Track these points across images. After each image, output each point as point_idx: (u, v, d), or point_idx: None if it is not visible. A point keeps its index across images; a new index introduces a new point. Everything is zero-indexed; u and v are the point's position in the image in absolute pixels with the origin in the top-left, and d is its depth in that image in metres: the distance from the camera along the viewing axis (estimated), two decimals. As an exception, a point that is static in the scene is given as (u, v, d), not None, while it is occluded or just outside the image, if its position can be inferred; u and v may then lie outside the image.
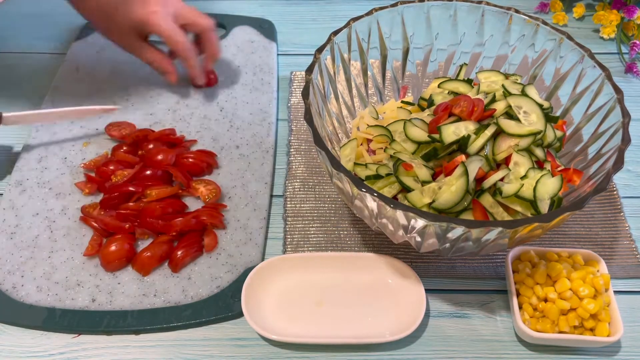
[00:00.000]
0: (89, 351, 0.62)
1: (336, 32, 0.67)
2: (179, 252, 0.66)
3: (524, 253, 0.64)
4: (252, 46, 0.93)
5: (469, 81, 0.69)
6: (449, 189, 0.57)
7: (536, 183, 0.57)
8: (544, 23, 0.69)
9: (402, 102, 0.73)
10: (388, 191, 0.61)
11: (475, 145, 0.59)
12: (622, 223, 0.71)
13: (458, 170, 0.58)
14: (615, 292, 0.63)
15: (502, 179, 0.58)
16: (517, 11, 0.70)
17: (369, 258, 0.66)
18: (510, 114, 0.62)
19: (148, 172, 0.73)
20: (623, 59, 0.93)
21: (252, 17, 0.98)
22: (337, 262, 0.66)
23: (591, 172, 0.61)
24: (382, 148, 0.66)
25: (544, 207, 0.57)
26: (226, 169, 0.77)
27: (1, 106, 0.85)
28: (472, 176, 0.58)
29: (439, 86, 0.69)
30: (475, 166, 0.58)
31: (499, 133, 0.60)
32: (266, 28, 0.96)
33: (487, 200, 0.58)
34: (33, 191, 0.74)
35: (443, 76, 0.75)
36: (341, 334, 0.62)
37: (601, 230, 0.71)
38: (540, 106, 0.62)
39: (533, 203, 0.57)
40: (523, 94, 0.63)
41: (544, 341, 0.60)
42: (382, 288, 0.65)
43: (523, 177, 0.58)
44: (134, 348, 0.62)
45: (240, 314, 0.63)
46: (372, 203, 0.54)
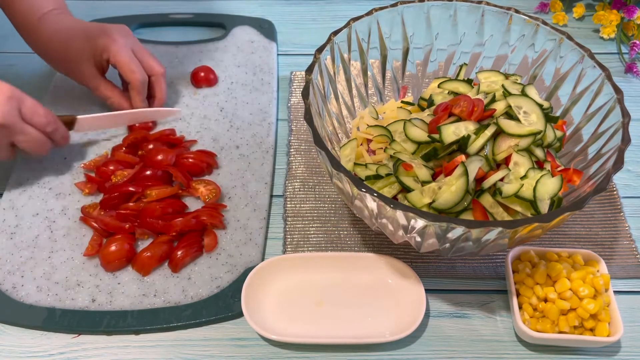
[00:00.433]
0: (89, 351, 0.62)
1: (336, 32, 0.67)
2: (179, 252, 0.66)
3: (524, 253, 0.64)
4: (252, 46, 0.93)
5: (469, 81, 0.69)
6: (449, 189, 0.57)
7: (536, 183, 0.57)
8: (544, 23, 0.69)
9: (402, 102, 0.73)
10: (388, 191, 0.61)
11: (475, 145, 0.59)
12: (622, 223, 0.71)
13: (458, 170, 0.58)
14: (615, 292, 0.63)
15: (502, 179, 0.58)
16: (517, 11, 0.70)
17: (369, 258, 0.66)
18: (510, 114, 0.62)
19: (148, 172, 0.73)
20: (623, 59, 0.93)
21: (252, 17, 0.98)
22: (337, 262, 0.66)
23: (591, 172, 0.61)
24: (382, 148, 0.66)
25: (544, 207, 0.57)
26: (226, 169, 0.77)
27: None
28: (472, 176, 0.58)
29: (439, 86, 0.69)
30: (475, 166, 0.58)
31: (499, 133, 0.60)
32: (266, 28, 0.96)
33: (487, 200, 0.58)
34: (33, 191, 0.74)
35: (443, 76, 0.75)
36: (341, 334, 0.62)
37: (601, 230, 0.71)
38: (540, 106, 0.62)
39: (533, 203, 0.57)
40: (523, 94, 0.63)
41: (544, 341, 0.60)
42: (382, 288, 0.65)
43: (523, 177, 0.58)
44: (134, 348, 0.62)
45: (240, 314, 0.63)
46: (372, 203, 0.54)
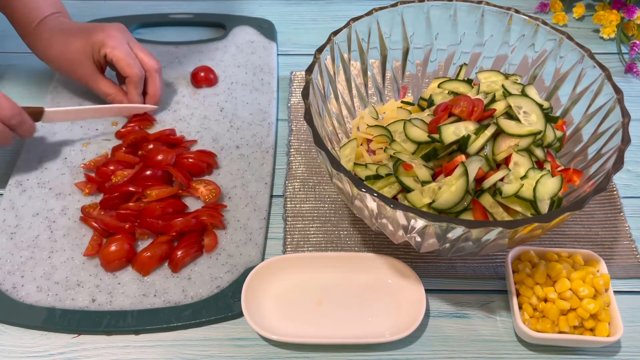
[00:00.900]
0: (89, 351, 0.62)
1: (336, 32, 0.67)
2: (179, 252, 0.66)
3: (524, 253, 0.64)
4: (252, 46, 0.93)
5: (469, 81, 0.69)
6: (449, 189, 0.57)
7: (536, 183, 0.57)
8: (544, 23, 0.69)
9: (402, 102, 0.73)
10: (388, 191, 0.61)
11: (475, 145, 0.59)
12: (622, 223, 0.71)
13: (458, 170, 0.58)
14: (615, 292, 0.63)
15: (502, 179, 0.58)
16: (517, 11, 0.70)
17: (369, 258, 0.66)
18: (510, 114, 0.62)
19: (148, 172, 0.73)
20: (623, 59, 0.93)
21: (252, 17, 0.98)
22: (337, 262, 0.66)
23: (591, 172, 0.61)
24: (382, 148, 0.66)
25: (544, 207, 0.57)
26: (226, 169, 0.77)
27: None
28: (472, 176, 0.58)
29: (439, 86, 0.69)
30: (475, 166, 0.58)
31: (499, 133, 0.60)
32: (266, 28, 0.96)
33: (487, 200, 0.58)
34: (33, 191, 0.74)
35: (443, 76, 0.75)
36: (341, 334, 0.62)
37: (601, 230, 0.71)
38: (540, 106, 0.62)
39: (533, 203, 0.57)
40: (523, 94, 0.63)
41: (544, 341, 0.60)
42: (382, 288, 0.65)
43: (523, 177, 0.58)
44: (134, 348, 0.62)
45: (240, 314, 0.63)
46: (372, 203, 0.54)
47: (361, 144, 0.69)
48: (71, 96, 0.85)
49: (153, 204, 0.70)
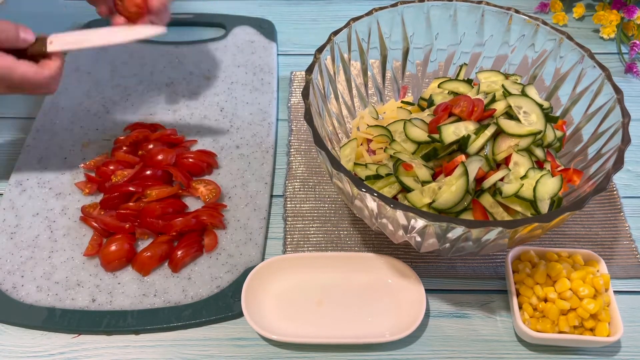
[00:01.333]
0: (89, 351, 0.62)
1: (336, 32, 0.67)
2: (179, 252, 0.66)
3: (524, 253, 0.64)
4: (252, 46, 0.93)
5: (469, 81, 0.69)
6: (449, 189, 0.57)
7: (536, 183, 0.57)
8: (544, 23, 0.69)
9: (402, 102, 0.73)
10: (388, 191, 0.61)
11: (475, 145, 0.59)
12: (622, 223, 0.71)
13: (458, 170, 0.58)
14: (615, 292, 0.63)
15: (502, 179, 0.58)
16: (517, 11, 0.70)
17: (369, 258, 0.66)
18: (510, 114, 0.62)
19: (148, 172, 0.73)
20: (623, 59, 0.93)
21: (252, 17, 0.98)
22: (337, 262, 0.66)
23: (591, 172, 0.61)
24: (382, 148, 0.66)
25: (544, 207, 0.57)
26: (226, 169, 0.77)
27: (1, 106, 0.85)
28: (472, 176, 0.58)
29: (439, 86, 0.69)
30: (475, 166, 0.58)
31: (499, 133, 0.60)
32: (266, 28, 0.96)
33: (487, 200, 0.58)
34: (33, 191, 0.74)
35: (443, 76, 0.75)
36: (341, 334, 0.62)
37: (601, 230, 0.71)
38: (540, 106, 0.62)
39: (533, 203, 0.57)
40: (523, 94, 0.63)
41: (544, 341, 0.60)
42: (382, 288, 0.65)
43: (523, 177, 0.58)
44: (134, 348, 0.62)
45: (240, 314, 0.63)
46: (372, 203, 0.54)
47: (361, 144, 0.69)
48: (71, 96, 0.85)
49: (153, 204, 0.70)
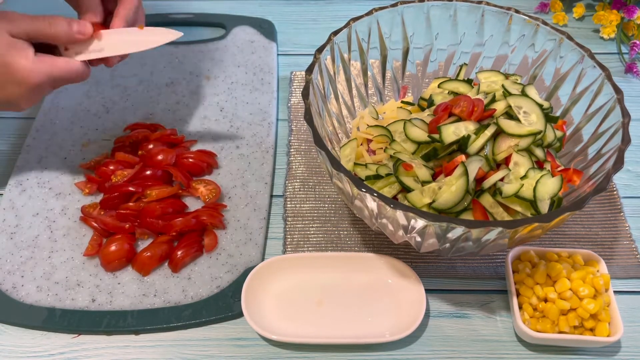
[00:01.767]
0: (89, 351, 0.62)
1: (336, 32, 0.67)
2: (179, 252, 0.66)
3: (524, 253, 0.64)
4: (252, 46, 0.93)
5: (469, 81, 0.69)
6: (449, 189, 0.57)
7: (536, 183, 0.57)
8: (544, 23, 0.69)
9: (402, 102, 0.73)
10: (388, 191, 0.61)
11: (475, 145, 0.59)
12: (622, 223, 0.71)
13: (458, 170, 0.58)
14: (615, 292, 0.63)
15: (502, 179, 0.58)
16: (517, 11, 0.70)
17: (369, 258, 0.66)
18: (510, 114, 0.62)
19: (148, 172, 0.73)
20: (623, 59, 0.93)
21: (252, 17, 0.98)
22: (337, 262, 0.66)
23: (591, 172, 0.61)
24: (382, 148, 0.66)
25: (544, 207, 0.57)
26: (226, 169, 0.77)
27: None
28: (472, 176, 0.58)
29: (439, 86, 0.69)
30: (475, 166, 0.58)
31: (499, 133, 0.60)
32: (266, 28, 0.96)
33: (487, 200, 0.58)
34: (33, 191, 0.74)
35: (443, 76, 0.75)
36: (341, 334, 0.62)
37: (601, 230, 0.71)
38: (540, 106, 0.62)
39: (533, 203, 0.57)
40: (523, 94, 0.63)
41: (544, 341, 0.60)
42: (382, 288, 0.65)
43: (523, 177, 0.58)
44: (134, 348, 0.62)
45: (240, 314, 0.63)
46: (372, 203, 0.54)
47: (361, 144, 0.69)
48: (71, 96, 0.85)
49: (153, 204, 0.70)
